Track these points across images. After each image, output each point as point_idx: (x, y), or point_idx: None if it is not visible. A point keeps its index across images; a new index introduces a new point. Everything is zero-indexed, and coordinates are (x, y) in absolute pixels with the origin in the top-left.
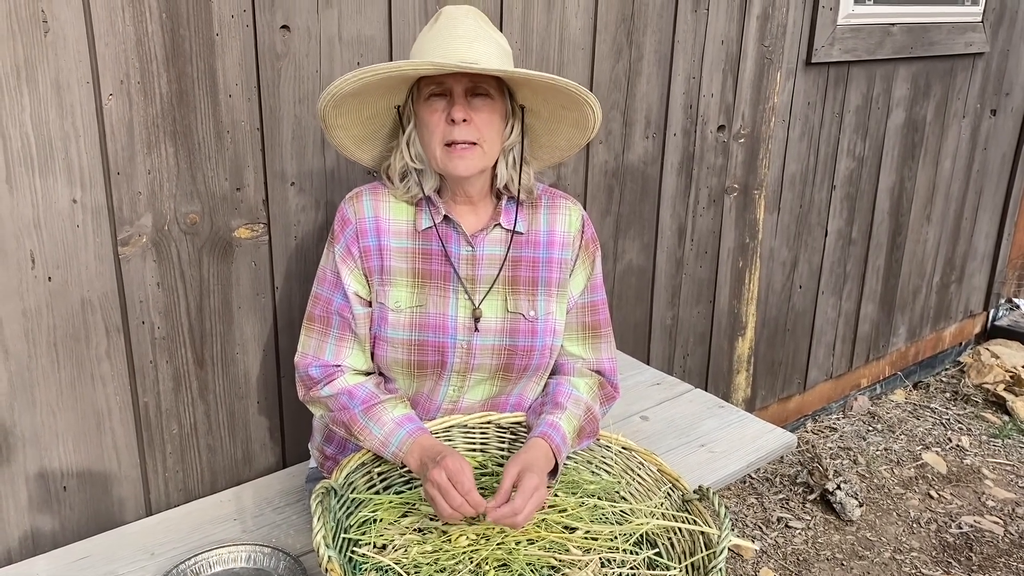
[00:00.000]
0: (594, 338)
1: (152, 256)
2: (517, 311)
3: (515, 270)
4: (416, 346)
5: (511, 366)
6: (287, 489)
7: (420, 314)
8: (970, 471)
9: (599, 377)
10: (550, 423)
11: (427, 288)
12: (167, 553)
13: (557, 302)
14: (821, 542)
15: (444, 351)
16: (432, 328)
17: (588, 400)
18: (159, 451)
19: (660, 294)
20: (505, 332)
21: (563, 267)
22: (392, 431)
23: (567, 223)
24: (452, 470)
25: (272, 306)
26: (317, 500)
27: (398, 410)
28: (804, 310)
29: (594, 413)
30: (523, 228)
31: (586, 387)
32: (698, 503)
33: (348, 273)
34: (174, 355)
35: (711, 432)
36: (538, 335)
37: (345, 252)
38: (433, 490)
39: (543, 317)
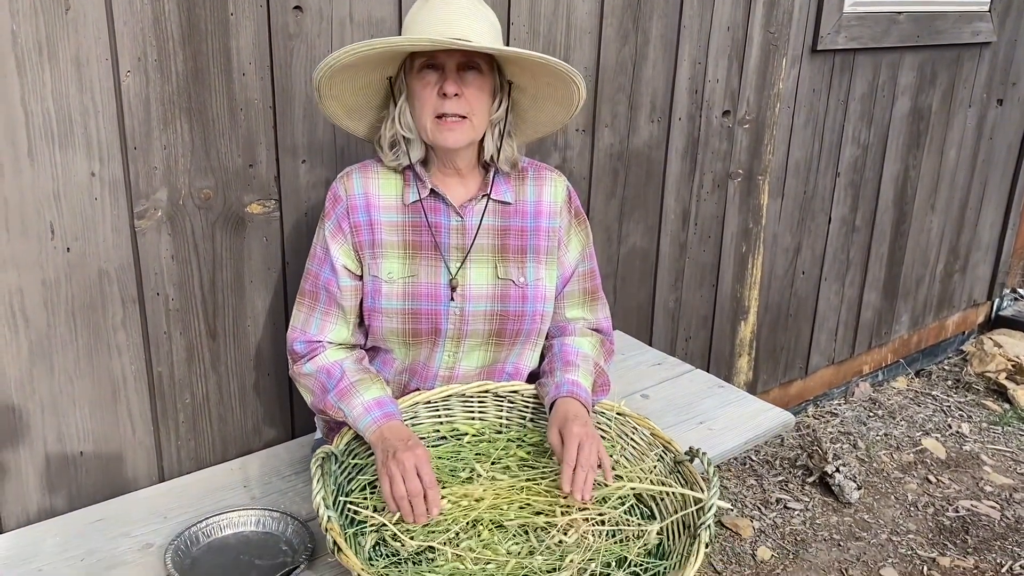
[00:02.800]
0: (592, 301)
1: (167, 229)
2: (507, 277)
3: (504, 239)
4: (410, 315)
5: (503, 331)
6: (294, 459)
7: (412, 284)
8: (969, 457)
9: (599, 335)
10: (572, 381)
11: (418, 259)
12: (179, 517)
13: (546, 269)
14: (819, 523)
15: (437, 319)
16: (425, 297)
17: (594, 356)
18: (172, 420)
19: (663, 277)
20: (496, 298)
21: (551, 236)
22: (359, 416)
23: (553, 193)
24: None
25: (282, 281)
26: (317, 464)
27: (370, 392)
28: (806, 296)
29: (602, 368)
30: (511, 198)
31: (590, 345)
32: (689, 464)
33: (337, 248)
34: (187, 327)
35: (710, 410)
36: (528, 300)
37: (335, 228)
38: (394, 467)
39: (533, 283)
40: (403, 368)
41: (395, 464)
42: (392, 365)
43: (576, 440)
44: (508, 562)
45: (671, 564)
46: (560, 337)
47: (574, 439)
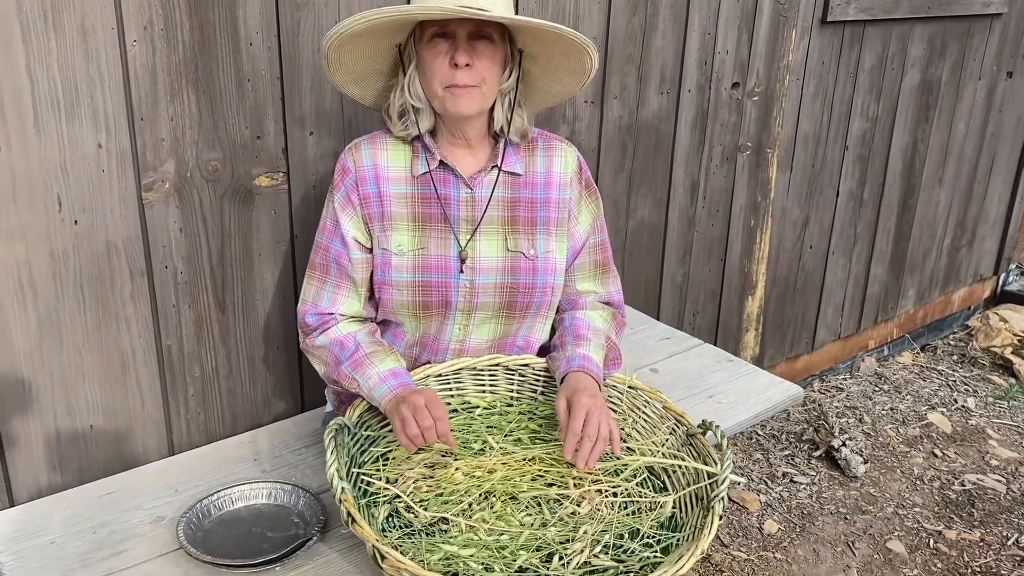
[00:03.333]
0: (603, 274)
1: (175, 202)
2: (517, 250)
3: (514, 210)
4: (420, 287)
5: (514, 304)
6: (304, 432)
7: (422, 256)
8: (975, 431)
9: (611, 308)
10: (582, 355)
11: (428, 231)
12: (189, 490)
13: (557, 241)
14: (825, 497)
15: (447, 291)
16: (435, 269)
17: (606, 330)
18: (181, 393)
19: (671, 251)
20: (506, 270)
21: (562, 207)
22: (375, 385)
23: (563, 164)
24: (429, 396)
25: (291, 253)
26: (330, 436)
27: (385, 364)
28: (814, 270)
29: (614, 341)
30: (520, 169)
31: (601, 319)
32: (701, 437)
33: (347, 220)
34: (196, 300)
35: (719, 384)
36: (539, 273)
37: (344, 200)
38: (406, 409)
39: (543, 255)
40: (414, 341)
41: (406, 406)
42: (403, 338)
43: (583, 410)
44: (521, 533)
45: (684, 536)
46: (571, 311)
47: (582, 409)
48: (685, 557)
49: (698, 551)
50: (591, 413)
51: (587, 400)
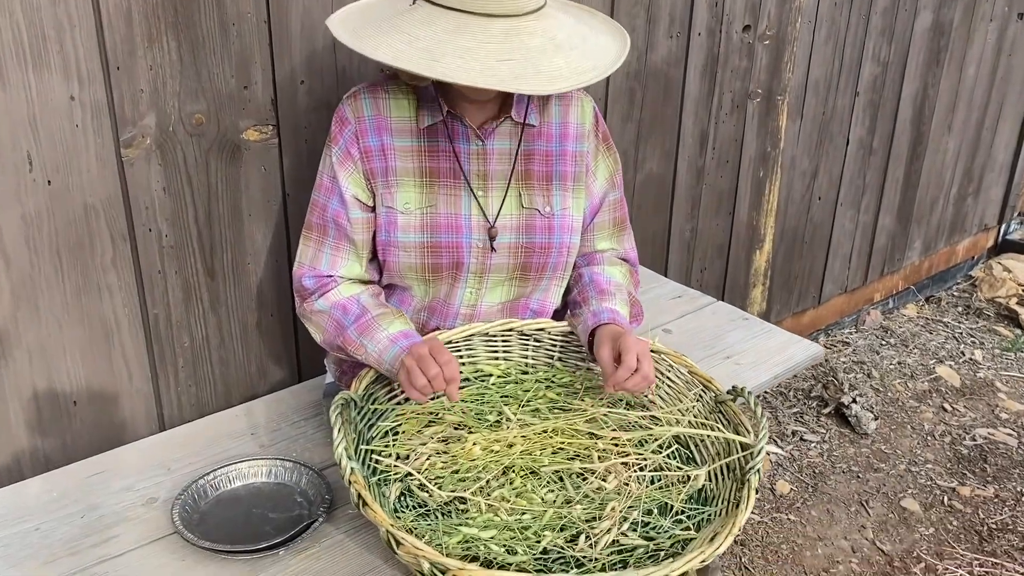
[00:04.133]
0: (620, 231)
1: (157, 159)
2: (532, 207)
3: (528, 164)
4: (429, 249)
5: (529, 265)
6: (303, 404)
7: (431, 215)
8: (983, 384)
9: (627, 265)
10: (609, 309)
11: (436, 187)
12: (183, 468)
13: (573, 197)
14: (836, 455)
15: (459, 252)
16: (445, 229)
17: (627, 286)
18: (171, 365)
19: (680, 205)
20: (521, 229)
21: (578, 161)
22: (386, 348)
23: (580, 115)
24: (433, 344)
25: (283, 213)
26: (337, 412)
27: (394, 326)
28: (822, 222)
29: (635, 297)
30: (535, 120)
31: (621, 274)
32: (732, 404)
33: (346, 176)
34: (183, 265)
35: (736, 344)
36: (555, 232)
37: (344, 154)
38: (410, 360)
39: (559, 213)
40: (422, 306)
41: (409, 357)
42: (410, 303)
43: (634, 352)
44: (545, 512)
45: (716, 511)
46: (588, 266)
47: (633, 351)
48: (722, 535)
49: (735, 528)
50: (643, 355)
51: (634, 343)
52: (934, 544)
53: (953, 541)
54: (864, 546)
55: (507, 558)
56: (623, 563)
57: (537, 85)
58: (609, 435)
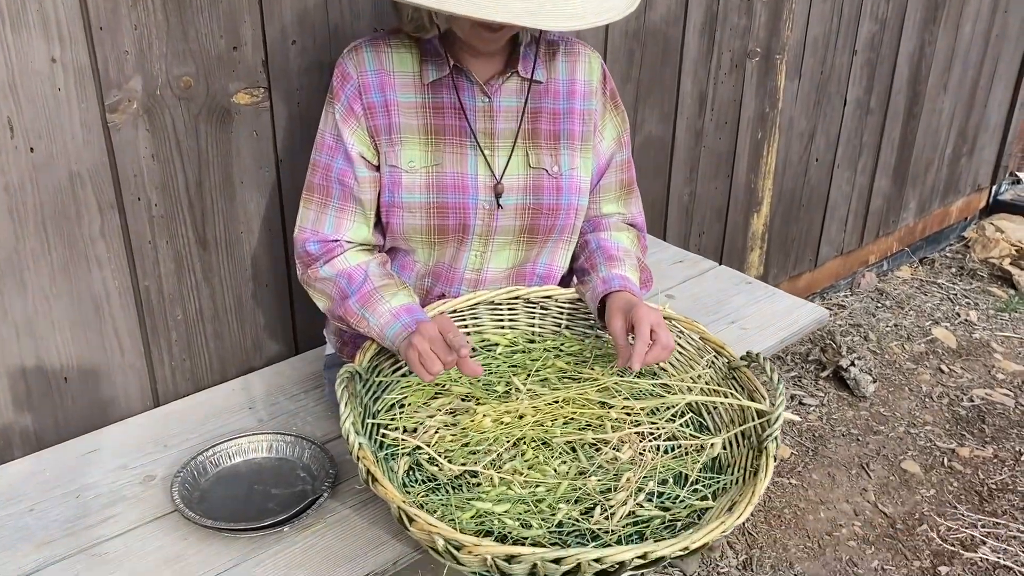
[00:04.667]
0: (628, 194)
1: (144, 124)
2: (540, 166)
3: (535, 122)
4: (435, 209)
5: (536, 227)
6: (301, 376)
7: (437, 174)
8: (979, 345)
9: (634, 230)
10: (621, 276)
11: (442, 145)
12: (180, 445)
13: (581, 157)
14: (836, 418)
15: (465, 213)
16: (451, 189)
17: (635, 252)
18: (163, 338)
19: (678, 168)
20: (528, 190)
21: (586, 119)
22: (388, 322)
23: (587, 71)
24: (444, 324)
25: (276, 180)
26: (343, 385)
27: (397, 299)
28: (819, 184)
29: (644, 263)
30: (542, 77)
31: (629, 240)
32: (746, 370)
33: (350, 133)
34: (174, 235)
35: (741, 308)
36: (563, 192)
37: (347, 111)
38: (422, 342)
39: (567, 173)
40: (426, 271)
41: (420, 338)
42: (413, 268)
43: (648, 323)
44: (559, 484)
45: (733, 479)
46: (594, 232)
47: (646, 321)
48: (741, 504)
49: (755, 496)
50: (657, 325)
51: (646, 311)
52: (935, 505)
53: (954, 502)
54: (866, 509)
55: (522, 532)
56: (639, 534)
57: (555, 21)
58: (621, 404)
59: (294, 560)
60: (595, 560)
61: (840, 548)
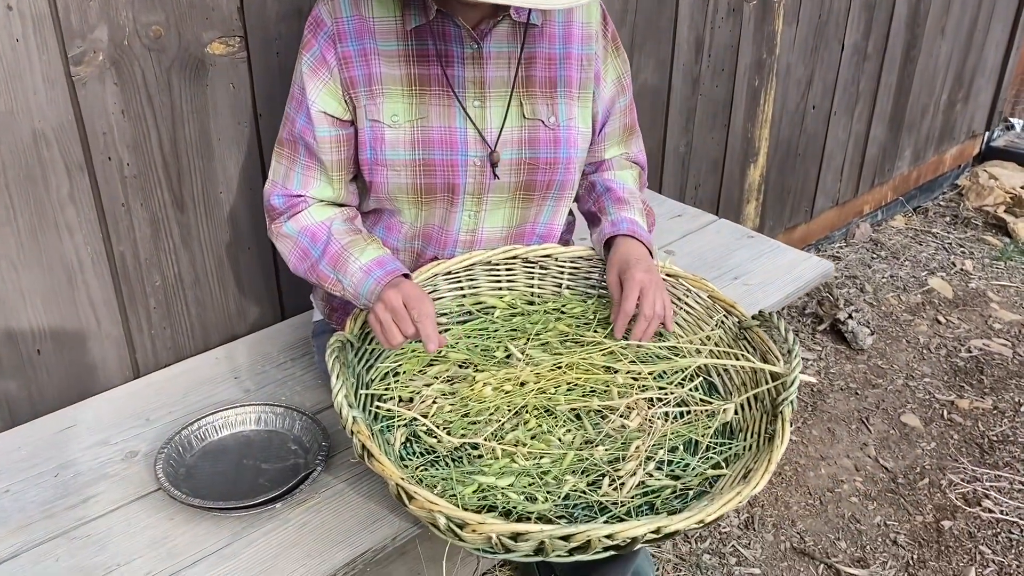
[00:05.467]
0: (630, 136)
1: (112, 78)
2: (535, 117)
3: (529, 69)
4: (421, 167)
5: (533, 184)
6: (288, 343)
7: (422, 128)
8: (976, 295)
9: (637, 168)
10: (630, 219)
11: (427, 97)
12: (164, 418)
13: (580, 106)
14: (834, 372)
15: (453, 170)
16: (439, 144)
17: (639, 193)
18: (141, 306)
19: (675, 118)
20: (524, 143)
21: (585, 65)
22: (360, 281)
23: (586, 13)
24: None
25: (255, 136)
26: (333, 356)
27: (366, 254)
28: (816, 132)
29: (649, 205)
30: (537, 19)
31: (632, 179)
32: (758, 331)
33: (317, 88)
34: (149, 197)
35: (744, 264)
36: (561, 145)
37: (317, 61)
38: (383, 312)
39: (565, 124)
40: (414, 233)
41: (380, 307)
42: (400, 230)
43: (637, 287)
44: (565, 455)
45: (746, 445)
46: (599, 173)
47: (635, 285)
48: (758, 473)
49: (771, 464)
50: (646, 289)
51: (641, 276)
52: (936, 459)
53: (956, 455)
54: (867, 464)
55: (527, 507)
56: (650, 505)
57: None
58: (627, 369)
59: (288, 538)
60: (606, 536)
61: (842, 504)
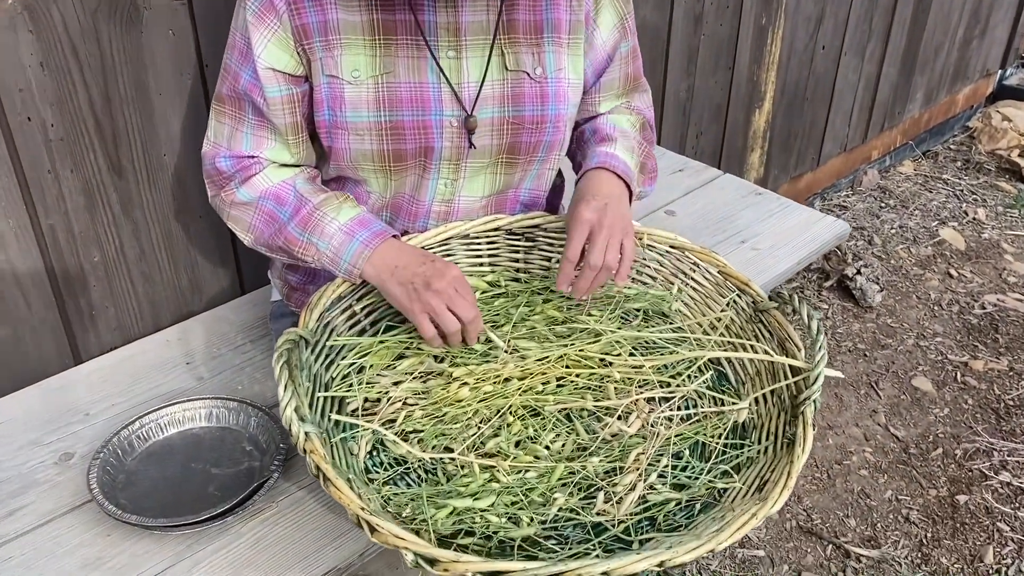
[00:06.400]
0: (634, 88)
1: (27, 25)
2: (519, 68)
3: (511, 12)
4: (389, 131)
5: (517, 146)
6: (248, 322)
7: (388, 85)
8: (989, 246)
9: (640, 117)
10: (605, 152)
11: (393, 48)
12: (106, 412)
13: (570, 54)
14: (841, 332)
15: (427, 134)
16: (407, 104)
17: (636, 135)
18: (78, 284)
19: (675, 60)
20: (506, 99)
21: (574, 7)
22: (342, 243)
23: None
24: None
25: (201, 88)
26: (282, 360)
27: (344, 213)
28: (825, 73)
29: (647, 150)
30: None
31: (630, 123)
32: (775, 313)
33: (264, 39)
34: (80, 162)
35: (752, 225)
36: (549, 100)
37: (264, 7)
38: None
39: (553, 76)
40: (383, 204)
41: (433, 296)
42: (366, 201)
43: (583, 228)
44: (554, 468)
45: (762, 448)
46: (591, 122)
47: (580, 226)
48: (777, 489)
49: (791, 478)
50: (595, 231)
51: (589, 214)
52: (950, 426)
53: (970, 421)
54: (877, 433)
55: (510, 531)
56: (650, 520)
57: None
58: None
59: (240, 557)
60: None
61: (851, 478)
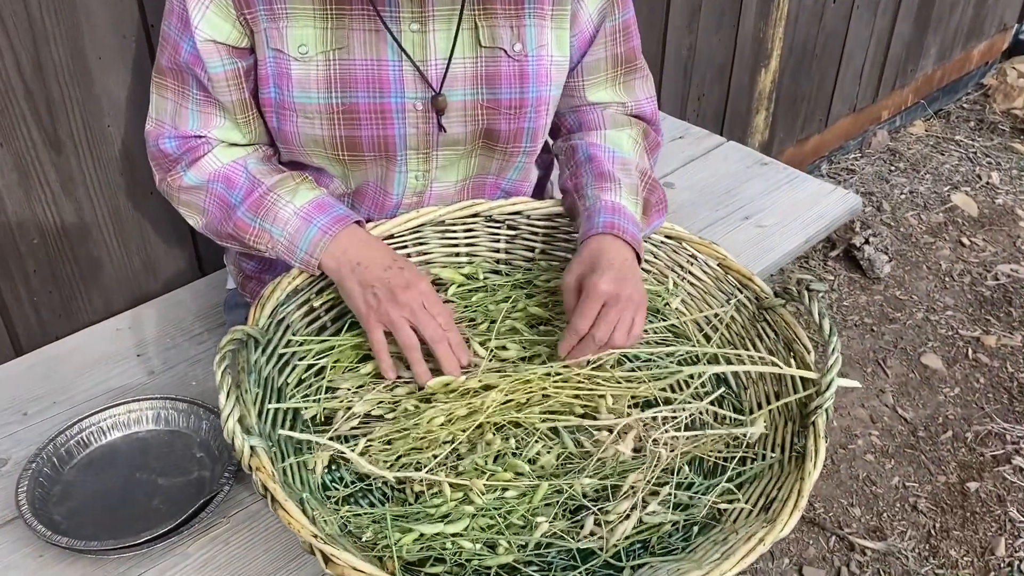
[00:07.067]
0: (628, 73)
1: None
2: (495, 44)
3: None
4: (341, 115)
5: (495, 133)
6: (205, 308)
7: (341, 63)
8: (1003, 212)
9: (641, 124)
10: (610, 206)
11: (346, 20)
12: (46, 412)
13: (554, 28)
14: (847, 305)
15: (386, 119)
16: (363, 83)
17: (638, 161)
18: (17, 269)
19: (676, 16)
20: (479, 79)
21: None
22: (297, 230)
23: None
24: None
25: (147, 52)
26: (224, 363)
27: (300, 195)
28: (835, 30)
29: (651, 177)
30: None
31: (630, 141)
32: (782, 311)
33: (202, 5)
34: (11, 136)
35: (756, 199)
36: (529, 81)
37: None
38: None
39: (535, 53)
40: (344, 192)
41: (394, 308)
42: (327, 186)
43: (598, 301)
44: (536, 489)
45: (765, 465)
46: (582, 133)
47: (596, 298)
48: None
49: (802, 499)
50: (609, 306)
51: (606, 286)
52: (960, 407)
53: (981, 402)
54: (884, 414)
55: (485, 559)
56: (643, 543)
57: None
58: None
59: None
60: None
61: (856, 463)
